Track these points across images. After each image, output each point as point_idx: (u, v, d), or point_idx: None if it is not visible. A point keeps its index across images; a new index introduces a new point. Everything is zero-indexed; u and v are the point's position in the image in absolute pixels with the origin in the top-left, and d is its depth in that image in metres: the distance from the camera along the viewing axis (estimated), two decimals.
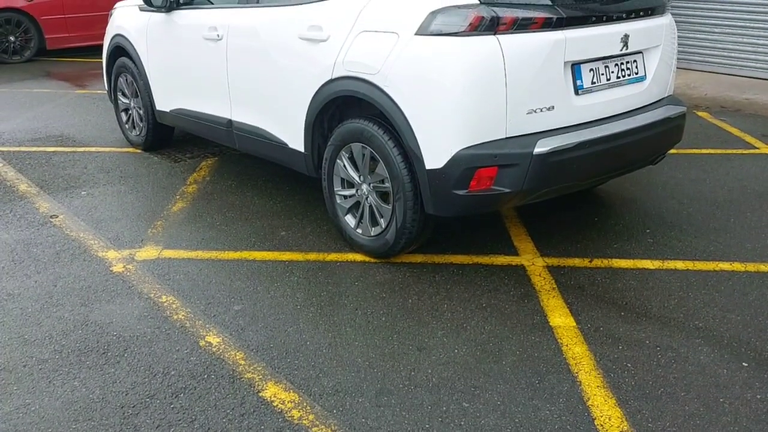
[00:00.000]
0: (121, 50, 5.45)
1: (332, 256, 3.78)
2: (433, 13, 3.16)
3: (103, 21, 6.31)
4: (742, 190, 4.69)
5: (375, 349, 2.96)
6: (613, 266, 3.64)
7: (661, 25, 3.75)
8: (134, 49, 5.24)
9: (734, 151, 5.53)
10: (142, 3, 4.94)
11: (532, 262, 3.70)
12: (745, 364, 2.83)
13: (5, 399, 2.65)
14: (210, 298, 3.36)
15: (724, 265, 3.64)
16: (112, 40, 5.57)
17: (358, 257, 3.75)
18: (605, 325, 3.12)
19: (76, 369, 2.83)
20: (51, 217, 4.32)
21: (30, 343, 3.01)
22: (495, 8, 3.09)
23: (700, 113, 6.65)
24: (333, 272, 3.61)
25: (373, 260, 3.72)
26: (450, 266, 3.66)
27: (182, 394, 2.67)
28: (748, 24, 7.65)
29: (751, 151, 5.56)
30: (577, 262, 3.69)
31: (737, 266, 3.63)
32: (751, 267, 3.62)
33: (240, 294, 3.40)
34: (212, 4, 4.69)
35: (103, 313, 3.23)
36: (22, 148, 5.69)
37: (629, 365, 2.83)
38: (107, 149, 5.68)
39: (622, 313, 3.20)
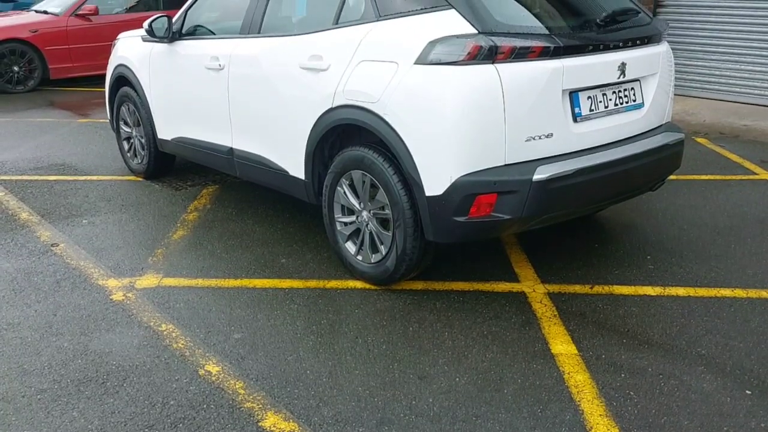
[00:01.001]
0: (124, 80, 5.50)
1: (332, 284, 3.77)
2: (432, 43, 3.19)
3: (106, 51, 6.38)
4: (742, 216, 4.69)
5: (375, 377, 2.94)
6: (614, 293, 3.63)
7: (658, 53, 3.79)
8: (137, 78, 5.29)
9: (734, 177, 5.54)
10: (145, 34, 5.00)
11: (533, 288, 3.69)
12: (748, 392, 2.81)
13: (3, 430, 2.63)
14: (210, 327, 3.35)
15: (726, 292, 3.63)
16: (114, 70, 5.62)
17: (359, 284, 3.75)
18: (607, 352, 3.10)
19: (75, 399, 2.81)
20: (52, 245, 4.32)
21: (29, 373, 2.99)
22: (493, 37, 3.13)
23: (699, 139, 6.69)
24: (333, 299, 3.60)
25: (373, 287, 3.71)
26: (451, 293, 3.65)
27: (181, 425, 2.65)
28: (745, 51, 7.73)
29: (751, 177, 5.57)
30: (578, 288, 3.68)
31: (739, 293, 3.62)
32: (753, 293, 3.61)
33: (240, 322, 3.39)
34: (214, 34, 4.75)
35: (102, 343, 3.22)
36: (24, 177, 5.71)
37: (632, 393, 2.81)
38: (109, 178, 5.70)
39: (624, 341, 3.19)
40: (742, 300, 3.55)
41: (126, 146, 5.78)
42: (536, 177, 3.17)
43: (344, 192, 3.73)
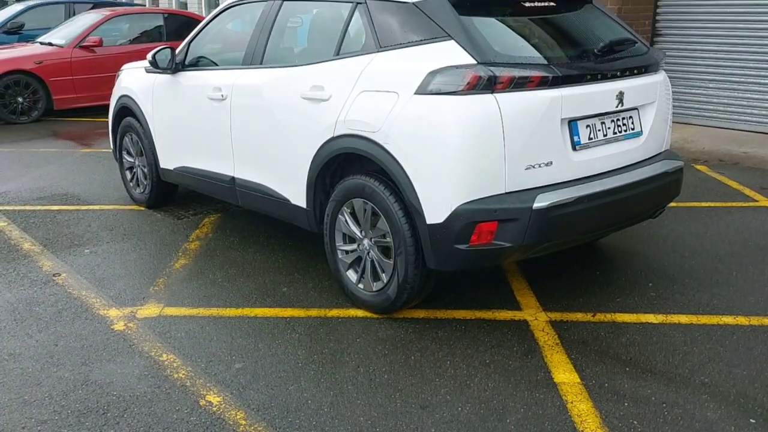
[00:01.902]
0: (127, 110, 5.56)
1: (334, 312, 3.77)
2: (432, 73, 3.23)
3: (110, 82, 6.46)
4: (744, 243, 4.69)
5: (377, 407, 2.92)
6: (617, 320, 3.62)
7: (656, 82, 3.83)
8: (140, 109, 5.34)
9: (734, 204, 5.55)
10: (149, 65, 5.06)
11: (535, 317, 3.68)
12: (752, 421, 2.79)
13: None
14: (211, 356, 3.34)
15: (728, 319, 3.62)
16: (118, 100, 5.68)
17: (360, 313, 3.74)
18: (610, 381, 3.08)
19: (76, 430, 2.79)
20: (54, 275, 4.33)
21: (30, 403, 2.98)
22: (492, 68, 3.17)
23: (698, 166, 6.71)
24: (335, 328, 3.59)
25: (375, 316, 3.70)
26: (452, 322, 3.64)
27: None
28: (742, 79, 7.80)
29: (751, 203, 5.59)
30: (580, 316, 3.67)
31: (741, 320, 3.61)
32: (755, 321, 3.60)
33: (241, 351, 3.38)
34: (216, 65, 4.81)
35: (103, 373, 3.21)
36: (27, 207, 5.74)
37: (635, 422, 2.79)
38: (111, 207, 5.73)
39: (627, 369, 3.17)
40: (744, 327, 3.53)
41: (128, 176, 5.82)
42: (536, 205, 3.18)
43: (345, 220, 3.74)
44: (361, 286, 3.75)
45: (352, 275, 3.80)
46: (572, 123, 3.40)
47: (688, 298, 3.86)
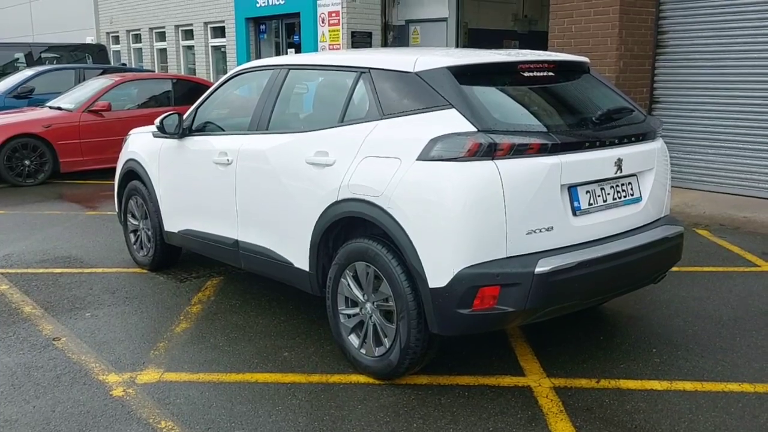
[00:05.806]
0: (134, 174, 5.63)
1: (335, 378, 3.73)
2: (434, 140, 3.30)
3: (117, 145, 6.56)
4: (746, 308, 4.68)
5: None
6: (621, 387, 3.58)
7: (653, 149, 3.90)
8: (146, 172, 5.42)
9: (736, 269, 5.55)
10: (156, 130, 5.16)
11: (539, 383, 3.64)
12: None
13: None
14: (210, 423, 3.29)
15: (733, 386, 3.58)
16: (125, 164, 5.77)
17: (362, 379, 3.71)
18: None
19: None
20: (54, 339, 4.30)
21: None
22: (492, 135, 3.24)
23: (700, 231, 6.74)
24: (336, 395, 3.55)
25: (377, 382, 3.66)
26: (455, 388, 3.60)
27: None
28: (740, 145, 7.92)
29: (753, 269, 5.59)
30: (584, 382, 3.63)
31: (746, 387, 3.57)
32: (761, 388, 3.56)
33: (241, 419, 3.33)
34: (223, 130, 4.91)
35: None
36: (30, 270, 5.75)
37: None
38: (114, 270, 5.74)
39: None
40: (749, 395, 3.49)
41: (132, 239, 5.85)
42: (538, 270, 3.20)
43: (348, 283, 3.75)
44: (363, 351, 3.73)
45: (354, 340, 3.78)
46: (572, 189, 3.44)
47: (692, 364, 3.83)
